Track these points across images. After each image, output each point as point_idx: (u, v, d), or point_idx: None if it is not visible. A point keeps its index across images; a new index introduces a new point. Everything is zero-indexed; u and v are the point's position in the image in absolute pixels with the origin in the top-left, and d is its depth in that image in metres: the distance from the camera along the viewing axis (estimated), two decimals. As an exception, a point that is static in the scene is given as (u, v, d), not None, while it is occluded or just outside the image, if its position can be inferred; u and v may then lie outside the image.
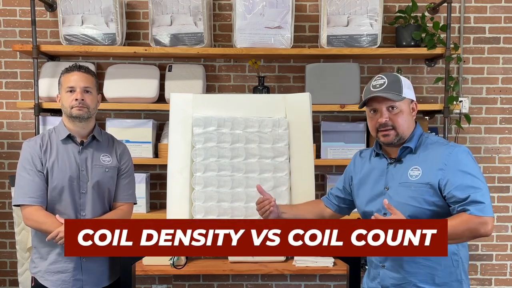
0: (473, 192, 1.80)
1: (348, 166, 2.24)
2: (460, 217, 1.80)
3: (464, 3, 3.41)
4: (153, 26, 3.17)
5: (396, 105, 1.94)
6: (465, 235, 1.82)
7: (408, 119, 1.96)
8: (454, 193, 1.82)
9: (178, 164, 2.45)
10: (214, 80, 3.44)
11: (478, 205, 1.79)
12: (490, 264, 3.51)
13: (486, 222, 1.79)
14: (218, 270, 3.29)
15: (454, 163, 1.86)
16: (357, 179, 2.12)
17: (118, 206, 2.35)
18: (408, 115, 1.97)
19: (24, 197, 2.19)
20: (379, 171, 2.03)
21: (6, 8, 3.38)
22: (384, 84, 1.94)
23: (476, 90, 3.45)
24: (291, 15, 3.12)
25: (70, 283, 2.24)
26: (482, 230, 1.80)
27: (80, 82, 2.24)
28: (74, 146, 2.28)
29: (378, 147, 2.06)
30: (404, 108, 1.95)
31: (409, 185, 1.91)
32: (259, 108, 2.44)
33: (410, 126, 1.97)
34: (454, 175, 1.84)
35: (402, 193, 1.92)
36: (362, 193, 2.08)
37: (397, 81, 1.95)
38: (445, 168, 1.86)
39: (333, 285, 3.53)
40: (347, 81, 3.22)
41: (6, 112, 3.42)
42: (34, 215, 2.17)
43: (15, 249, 3.06)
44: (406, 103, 1.96)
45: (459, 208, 1.82)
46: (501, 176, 3.48)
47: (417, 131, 1.99)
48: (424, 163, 1.91)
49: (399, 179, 1.95)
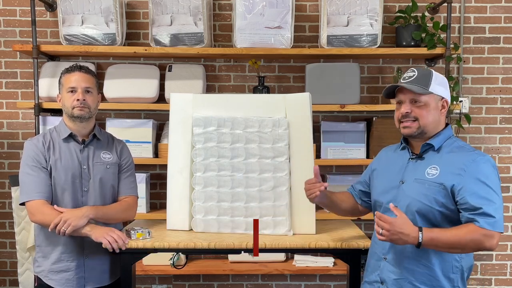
0: (486, 204, 1.78)
1: (372, 161, 2.24)
2: (467, 227, 1.79)
3: (464, 3, 3.41)
4: (153, 26, 3.17)
5: (420, 99, 1.92)
6: (470, 246, 1.81)
7: (434, 114, 1.93)
8: (468, 199, 1.80)
9: (178, 164, 2.45)
10: (214, 80, 3.44)
11: (489, 219, 1.77)
12: (490, 264, 3.51)
13: (492, 236, 1.78)
14: (218, 270, 3.29)
15: (473, 171, 1.83)
16: (377, 169, 2.14)
17: (122, 199, 2.38)
18: (435, 110, 1.93)
19: (31, 193, 2.20)
20: (399, 164, 2.03)
21: (6, 8, 3.38)
22: (413, 76, 1.94)
23: (476, 90, 3.45)
24: (291, 15, 3.12)
25: (74, 281, 2.26)
26: (487, 243, 1.79)
27: (81, 83, 2.25)
28: (75, 144, 2.30)
29: (404, 140, 2.06)
30: (431, 102, 1.93)
31: (423, 182, 1.90)
32: (259, 108, 2.44)
33: (435, 122, 1.95)
34: (471, 183, 1.82)
35: (415, 189, 1.92)
36: (378, 183, 2.10)
37: (427, 75, 1.93)
38: (464, 174, 1.83)
39: (333, 285, 3.53)
40: (347, 81, 3.22)
41: (6, 112, 3.42)
42: (40, 208, 2.18)
43: (15, 249, 3.06)
44: (433, 99, 1.93)
45: (469, 216, 1.80)
46: (501, 176, 3.47)
47: (446, 132, 1.96)
48: (444, 164, 1.89)
49: (415, 174, 1.95)
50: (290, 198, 2.42)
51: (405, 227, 1.80)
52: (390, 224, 1.80)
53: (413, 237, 1.79)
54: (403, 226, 1.80)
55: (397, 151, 2.10)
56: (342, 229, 2.53)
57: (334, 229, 2.52)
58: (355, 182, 2.33)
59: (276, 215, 2.40)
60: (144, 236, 2.27)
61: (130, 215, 2.39)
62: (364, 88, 3.44)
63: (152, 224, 2.62)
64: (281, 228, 2.40)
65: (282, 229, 2.40)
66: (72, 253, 2.26)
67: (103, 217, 2.24)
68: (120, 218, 2.33)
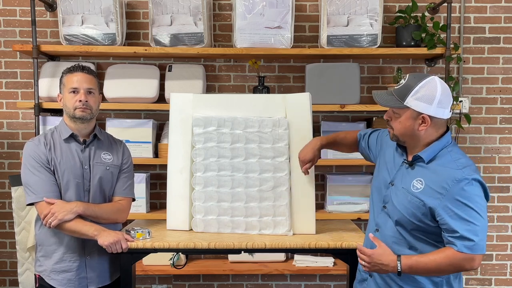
0: (466, 226, 1.76)
1: (385, 136, 2.15)
2: (445, 252, 1.80)
3: (464, 3, 3.41)
4: (153, 26, 3.17)
5: (395, 109, 1.90)
6: (449, 269, 1.82)
7: (406, 128, 1.87)
8: (447, 220, 1.78)
9: (178, 164, 2.45)
10: (214, 80, 3.44)
11: (467, 242, 1.76)
12: (490, 264, 3.51)
13: (472, 258, 1.77)
14: (218, 270, 3.30)
15: (455, 191, 1.78)
16: (380, 159, 2.12)
17: (116, 201, 2.37)
18: (407, 123, 1.87)
19: (40, 193, 2.20)
20: (395, 163, 2.02)
21: (6, 8, 3.38)
22: (400, 85, 1.90)
23: (476, 90, 3.45)
24: (291, 15, 3.12)
25: (76, 282, 2.26)
26: (467, 265, 1.79)
27: (83, 83, 2.25)
28: (76, 144, 2.30)
29: None
30: (402, 115, 1.87)
31: (407, 194, 1.90)
32: (259, 108, 2.44)
33: (410, 136, 1.89)
34: (451, 203, 1.78)
35: (400, 197, 1.92)
36: (377, 175, 2.10)
37: (408, 88, 1.85)
38: (445, 194, 1.80)
39: (333, 285, 3.53)
40: (347, 81, 3.22)
41: (6, 112, 3.42)
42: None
43: (15, 249, 3.06)
44: (407, 113, 1.86)
45: (449, 238, 1.80)
46: (501, 176, 3.47)
47: (438, 145, 1.89)
48: (430, 179, 1.86)
49: (403, 183, 1.94)
50: (290, 198, 2.42)
51: (383, 258, 1.86)
52: (369, 257, 1.89)
53: (392, 267, 1.85)
54: (382, 257, 1.87)
55: (398, 149, 2.06)
56: (342, 229, 2.53)
57: (334, 229, 2.52)
58: (366, 132, 2.32)
59: (276, 215, 2.41)
60: (144, 236, 2.27)
61: (122, 217, 2.36)
62: (364, 88, 3.44)
63: (152, 224, 2.62)
64: (281, 228, 2.40)
65: (282, 229, 2.40)
66: (75, 253, 2.26)
67: (92, 215, 2.23)
68: (110, 218, 2.31)
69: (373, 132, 2.29)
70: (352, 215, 3.20)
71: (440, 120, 1.89)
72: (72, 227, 2.17)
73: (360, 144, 2.32)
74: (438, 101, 1.84)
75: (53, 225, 2.15)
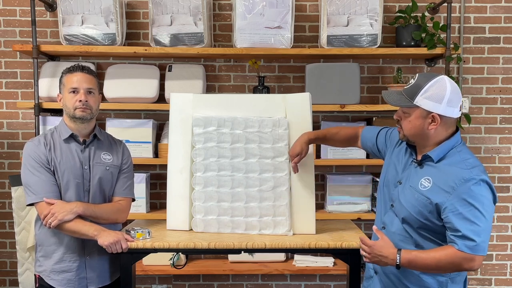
0: (469, 226, 1.77)
1: (394, 135, 2.16)
2: (446, 249, 1.80)
3: (464, 3, 3.41)
4: (153, 26, 3.17)
5: (405, 109, 1.91)
6: (449, 267, 1.82)
7: (416, 127, 1.89)
8: (451, 219, 1.80)
9: (178, 164, 2.45)
10: (214, 80, 3.44)
11: (468, 242, 1.77)
12: (490, 264, 3.51)
13: (472, 259, 1.78)
14: (218, 270, 3.30)
15: (462, 191, 1.80)
16: (388, 158, 2.13)
17: (116, 201, 2.37)
18: (417, 123, 1.88)
19: (40, 194, 2.20)
20: (404, 162, 2.02)
21: (6, 8, 3.38)
22: (409, 84, 1.91)
23: (476, 90, 3.45)
24: (291, 15, 3.12)
25: (76, 282, 2.26)
26: (466, 265, 1.80)
27: (83, 83, 2.25)
28: (76, 145, 2.30)
29: None
30: (412, 115, 1.89)
31: (414, 192, 1.91)
32: (259, 108, 2.44)
33: (420, 135, 1.90)
34: (457, 202, 1.80)
35: (407, 195, 1.93)
36: (385, 174, 2.10)
37: (418, 87, 1.86)
38: (452, 193, 1.81)
39: (333, 285, 3.53)
40: (347, 81, 3.22)
41: (6, 112, 3.42)
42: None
43: (15, 249, 3.06)
44: (417, 111, 1.87)
45: (451, 237, 1.81)
46: (501, 176, 3.47)
47: (447, 144, 1.90)
48: (438, 178, 1.87)
49: (411, 181, 1.95)
50: (290, 198, 2.42)
51: (384, 250, 1.87)
52: (370, 248, 1.90)
53: (391, 260, 1.86)
54: (382, 249, 1.88)
55: (408, 149, 2.06)
56: (342, 229, 2.53)
57: (334, 229, 2.52)
58: (372, 130, 2.31)
59: (276, 215, 2.41)
60: (144, 236, 2.27)
61: (122, 217, 2.36)
62: (364, 88, 3.44)
63: (152, 224, 2.62)
64: (281, 228, 2.40)
65: (282, 229, 2.40)
66: (74, 254, 2.26)
67: (92, 215, 2.23)
68: (110, 219, 2.30)
69: (381, 130, 2.28)
70: (352, 215, 3.20)
71: (450, 119, 1.89)
72: (72, 227, 2.17)
73: (365, 143, 2.31)
74: (448, 100, 1.85)
75: (53, 225, 2.15)
